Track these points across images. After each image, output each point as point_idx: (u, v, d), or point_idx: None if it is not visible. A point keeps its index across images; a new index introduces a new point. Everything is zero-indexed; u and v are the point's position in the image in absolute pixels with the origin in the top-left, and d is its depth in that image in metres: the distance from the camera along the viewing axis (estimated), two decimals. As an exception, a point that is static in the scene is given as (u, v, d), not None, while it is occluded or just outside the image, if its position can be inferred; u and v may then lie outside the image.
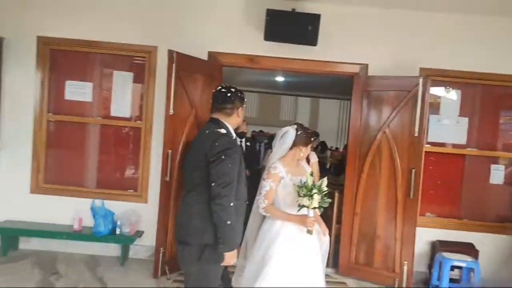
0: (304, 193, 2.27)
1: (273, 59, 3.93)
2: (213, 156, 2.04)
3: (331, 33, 3.81)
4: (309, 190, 2.25)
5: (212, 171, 2.03)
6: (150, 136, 3.94)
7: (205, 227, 2.06)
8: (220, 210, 2.00)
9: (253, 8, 3.85)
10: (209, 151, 2.06)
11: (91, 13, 3.91)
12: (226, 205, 2.01)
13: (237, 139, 4.74)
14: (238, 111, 2.23)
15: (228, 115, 2.21)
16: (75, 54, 4.04)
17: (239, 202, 2.15)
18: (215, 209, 2.01)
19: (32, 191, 3.98)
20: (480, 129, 4.02)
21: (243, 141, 4.91)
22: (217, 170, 2.02)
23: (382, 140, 3.74)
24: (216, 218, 2.02)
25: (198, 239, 2.08)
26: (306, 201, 2.26)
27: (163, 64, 3.56)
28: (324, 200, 2.30)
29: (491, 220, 3.96)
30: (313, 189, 2.25)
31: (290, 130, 2.50)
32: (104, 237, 3.69)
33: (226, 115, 2.21)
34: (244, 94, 2.33)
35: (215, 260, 2.08)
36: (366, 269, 3.74)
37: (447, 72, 3.90)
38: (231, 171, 2.05)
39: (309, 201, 2.25)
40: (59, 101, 4.06)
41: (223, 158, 2.02)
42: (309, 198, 2.25)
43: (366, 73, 3.91)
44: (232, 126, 2.24)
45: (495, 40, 3.85)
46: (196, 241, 2.09)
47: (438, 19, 3.85)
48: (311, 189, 2.25)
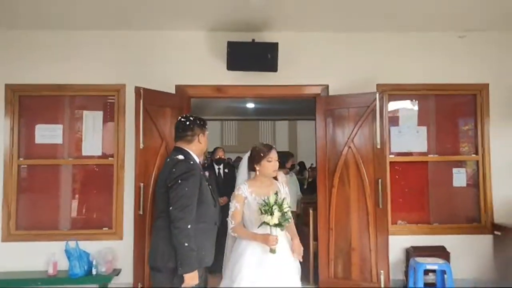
0: (264, 210, 2.34)
1: (238, 87, 4.11)
2: (171, 181, 2.14)
3: (290, 58, 4.03)
4: (270, 207, 2.33)
5: (171, 195, 2.12)
6: (122, 172, 3.98)
7: (170, 251, 2.12)
8: (178, 232, 2.08)
9: (215, 41, 4.05)
10: (168, 177, 2.17)
11: (58, 57, 4.01)
12: (183, 227, 2.08)
13: (213, 165, 4.87)
14: (199, 137, 2.36)
15: (189, 142, 2.34)
16: (43, 99, 4.11)
17: (205, 224, 2.22)
18: (174, 232, 2.09)
19: (4, 240, 3.90)
20: (439, 136, 4.25)
21: (221, 168, 4.98)
22: (174, 194, 2.11)
23: (348, 154, 3.90)
24: (175, 240, 2.09)
25: (165, 263, 2.14)
26: (266, 218, 2.32)
27: (132, 100, 3.66)
28: (285, 217, 2.35)
29: (459, 222, 4.12)
30: (273, 206, 2.32)
31: (245, 155, 2.69)
32: (81, 278, 3.62)
33: (187, 142, 2.34)
34: (205, 122, 2.45)
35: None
36: (345, 282, 3.79)
37: (403, 86, 4.17)
38: (189, 194, 2.13)
39: (269, 218, 2.32)
40: (29, 145, 4.08)
41: (180, 182, 2.12)
42: (270, 214, 2.31)
43: (327, 93, 4.12)
44: (195, 152, 2.35)
45: (444, 53, 4.16)
46: (164, 266, 2.14)
47: (390, 38, 4.15)
48: (272, 206, 2.32)
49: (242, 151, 10.29)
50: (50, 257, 3.74)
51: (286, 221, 2.36)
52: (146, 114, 3.58)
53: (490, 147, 4.13)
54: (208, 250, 2.27)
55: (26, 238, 3.90)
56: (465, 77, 4.15)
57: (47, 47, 4.03)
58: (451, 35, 4.17)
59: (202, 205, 2.21)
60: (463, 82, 4.16)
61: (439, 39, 4.17)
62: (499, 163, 4.11)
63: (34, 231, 3.94)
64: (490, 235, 4.04)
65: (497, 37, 4.17)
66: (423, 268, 3.45)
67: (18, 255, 3.85)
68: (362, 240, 3.76)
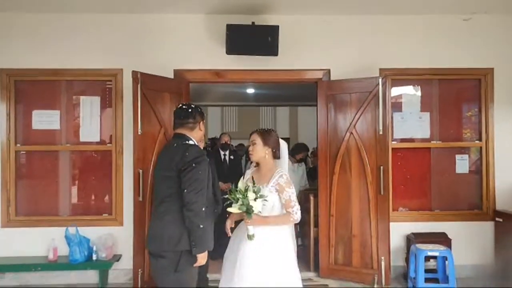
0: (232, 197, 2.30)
1: (238, 72, 4.03)
2: (185, 164, 2.17)
3: (291, 42, 3.95)
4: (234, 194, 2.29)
5: (184, 178, 2.15)
6: (121, 158, 3.94)
7: (180, 234, 2.15)
8: (193, 215, 2.12)
9: (214, 24, 3.96)
10: (179, 161, 2.18)
11: (54, 41, 3.94)
12: (198, 210, 2.13)
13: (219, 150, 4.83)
14: (199, 125, 2.40)
15: (191, 129, 2.35)
16: (40, 84, 4.04)
17: (208, 209, 2.26)
18: (188, 215, 2.12)
19: (3, 225, 3.89)
20: (442, 122, 4.19)
21: (227, 154, 4.91)
22: (188, 177, 2.14)
23: (350, 141, 3.85)
24: (189, 223, 2.13)
25: (174, 247, 2.15)
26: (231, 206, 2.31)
27: (129, 85, 3.60)
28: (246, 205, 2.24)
29: (460, 209, 4.10)
30: (238, 194, 2.27)
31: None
32: (81, 264, 3.63)
33: (190, 129, 2.35)
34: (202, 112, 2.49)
35: (192, 263, 2.18)
36: (346, 269, 3.80)
37: (406, 71, 4.08)
38: (202, 178, 2.18)
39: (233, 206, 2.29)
40: (27, 131, 4.04)
41: (194, 166, 2.16)
42: (236, 202, 2.27)
43: (329, 77, 4.04)
44: (196, 138, 2.38)
45: (448, 36, 4.06)
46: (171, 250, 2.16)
47: (393, 21, 4.05)
48: (236, 193, 2.28)
49: (243, 138, 10.23)
50: (50, 242, 3.75)
51: (248, 210, 2.24)
52: (144, 99, 3.52)
53: (494, 133, 4.07)
54: (211, 234, 2.31)
55: (26, 224, 3.90)
56: (469, 62, 4.07)
57: (43, 30, 3.94)
58: (456, 18, 4.06)
59: (207, 190, 2.27)
60: (467, 67, 4.08)
61: (443, 22, 4.06)
62: (502, 149, 4.06)
63: (34, 217, 3.94)
64: (492, 222, 4.02)
65: (503, 20, 4.07)
66: (424, 255, 3.44)
67: (18, 241, 3.85)
68: (363, 227, 3.74)
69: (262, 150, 2.46)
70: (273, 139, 2.48)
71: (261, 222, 2.32)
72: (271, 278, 2.27)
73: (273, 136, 2.49)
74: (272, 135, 2.49)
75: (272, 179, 2.39)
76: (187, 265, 2.16)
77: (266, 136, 2.47)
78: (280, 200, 2.38)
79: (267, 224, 2.36)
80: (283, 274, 2.31)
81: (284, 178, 2.38)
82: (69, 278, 3.85)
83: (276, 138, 2.50)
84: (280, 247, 2.36)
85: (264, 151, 2.45)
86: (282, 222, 2.40)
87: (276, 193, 2.37)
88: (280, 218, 2.39)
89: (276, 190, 2.37)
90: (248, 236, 2.30)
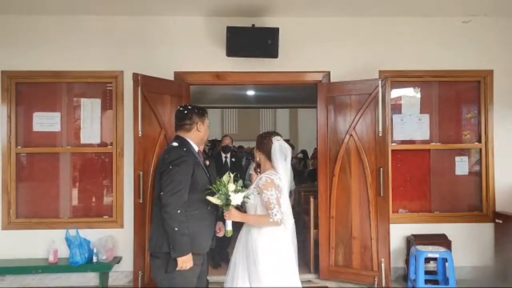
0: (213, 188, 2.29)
1: (238, 74, 4.04)
2: (163, 166, 2.19)
3: (291, 44, 3.96)
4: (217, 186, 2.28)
5: (162, 180, 2.17)
6: (121, 160, 3.95)
7: (162, 237, 2.17)
8: (168, 218, 2.12)
9: (215, 26, 3.97)
10: (161, 163, 2.22)
11: (54, 43, 3.95)
12: (172, 212, 2.12)
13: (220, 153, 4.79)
14: (197, 126, 2.37)
15: (188, 131, 2.36)
16: (41, 86, 4.06)
17: (200, 211, 2.24)
18: (164, 217, 2.13)
19: (4, 228, 3.90)
20: (442, 124, 4.20)
21: (228, 156, 4.87)
22: (165, 180, 2.15)
23: (349, 143, 3.86)
24: (165, 225, 2.13)
25: (159, 249, 2.18)
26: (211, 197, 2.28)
27: (130, 87, 3.61)
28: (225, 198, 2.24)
29: (460, 210, 4.11)
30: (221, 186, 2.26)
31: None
32: (81, 266, 3.63)
33: (186, 131, 2.36)
34: (205, 111, 2.45)
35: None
36: (346, 271, 3.80)
37: (405, 73, 4.09)
38: (180, 180, 2.15)
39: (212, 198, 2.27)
40: (27, 133, 4.05)
41: (171, 168, 2.16)
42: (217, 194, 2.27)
43: (329, 79, 4.05)
44: (194, 140, 2.37)
45: (448, 39, 4.08)
46: (159, 252, 2.19)
47: (393, 23, 4.06)
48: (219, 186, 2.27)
49: (243, 140, 10.20)
50: (50, 245, 3.75)
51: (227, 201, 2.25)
52: (145, 101, 3.53)
53: (494, 135, 4.08)
54: (205, 236, 2.28)
55: (27, 226, 3.90)
56: (469, 64, 4.08)
57: (43, 33, 3.95)
58: (455, 21, 4.08)
59: (196, 192, 2.22)
60: (467, 69, 4.09)
61: (442, 25, 4.08)
62: (502, 151, 4.07)
63: (34, 219, 3.94)
64: (491, 223, 4.03)
65: (502, 23, 4.09)
66: (424, 256, 3.44)
67: (19, 243, 3.85)
68: (363, 229, 3.75)
69: (256, 154, 2.55)
70: (262, 143, 2.50)
71: (240, 218, 2.35)
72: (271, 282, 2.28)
73: (264, 140, 2.50)
74: (263, 139, 2.51)
75: (256, 181, 2.43)
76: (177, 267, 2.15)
77: (259, 140, 2.54)
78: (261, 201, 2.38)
79: (245, 221, 2.41)
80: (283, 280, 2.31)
81: (263, 180, 2.37)
82: (69, 281, 3.85)
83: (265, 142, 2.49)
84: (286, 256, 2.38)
85: (257, 155, 2.54)
86: (261, 222, 2.37)
87: (258, 195, 2.38)
88: (258, 218, 2.38)
89: (258, 191, 2.38)
90: (225, 231, 2.33)
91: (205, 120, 2.41)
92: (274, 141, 2.48)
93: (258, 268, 2.30)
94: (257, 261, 2.31)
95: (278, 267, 2.32)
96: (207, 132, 2.45)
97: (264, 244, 2.34)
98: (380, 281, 3.63)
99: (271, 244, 2.34)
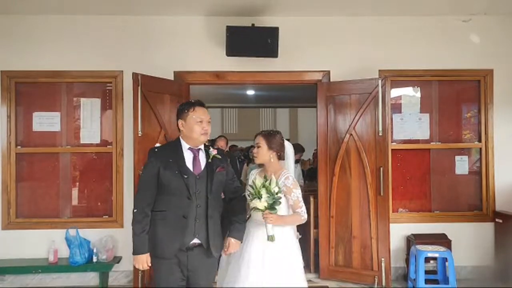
0: (252, 194, 2.21)
1: (238, 73, 4.04)
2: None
3: (291, 43, 3.95)
4: (258, 189, 2.19)
5: None
6: (121, 160, 3.95)
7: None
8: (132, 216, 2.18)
9: (214, 26, 3.97)
10: None
11: (54, 43, 3.95)
12: (133, 211, 2.17)
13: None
14: (179, 124, 2.25)
15: (179, 130, 2.28)
16: (40, 85, 4.05)
17: (166, 214, 2.14)
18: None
19: (4, 228, 3.89)
20: (441, 123, 4.19)
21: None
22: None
23: (349, 142, 3.86)
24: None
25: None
26: (256, 202, 2.19)
27: (130, 87, 3.61)
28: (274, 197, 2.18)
29: (460, 210, 4.10)
30: (261, 188, 2.19)
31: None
32: (81, 266, 3.63)
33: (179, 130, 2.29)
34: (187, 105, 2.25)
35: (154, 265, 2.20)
36: (346, 270, 3.79)
37: (405, 72, 4.09)
38: (142, 180, 2.19)
39: (257, 202, 2.18)
40: (27, 133, 4.04)
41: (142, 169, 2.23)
42: (258, 198, 2.18)
43: (329, 79, 4.05)
44: (184, 139, 2.24)
45: (448, 37, 4.07)
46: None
47: (393, 22, 4.05)
48: (259, 189, 2.19)
49: (243, 139, 10.16)
50: (50, 244, 3.75)
51: (275, 203, 2.20)
52: (145, 101, 3.53)
53: (494, 134, 4.08)
54: (169, 242, 2.13)
55: (27, 226, 3.90)
56: (468, 63, 4.07)
57: (43, 33, 3.95)
58: (455, 20, 4.07)
59: (163, 194, 2.15)
60: (467, 68, 4.08)
61: (442, 24, 4.07)
62: (502, 150, 4.06)
63: (34, 219, 3.94)
64: (491, 222, 4.02)
65: (502, 22, 4.08)
66: (424, 256, 3.44)
67: (19, 243, 3.85)
68: (363, 228, 3.74)
69: (266, 153, 2.45)
70: (277, 142, 2.47)
71: (280, 221, 2.30)
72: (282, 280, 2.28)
73: (277, 139, 2.47)
74: (276, 138, 2.47)
75: (282, 180, 2.38)
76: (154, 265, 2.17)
77: (271, 139, 2.46)
78: (286, 201, 2.37)
79: (284, 224, 2.35)
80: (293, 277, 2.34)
81: (290, 180, 2.38)
82: (69, 280, 3.86)
83: (280, 141, 2.49)
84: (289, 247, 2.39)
85: (269, 155, 2.45)
86: (295, 221, 2.43)
87: (283, 195, 2.34)
88: (294, 218, 2.40)
89: (283, 191, 2.34)
90: (269, 237, 2.23)
91: (187, 116, 2.20)
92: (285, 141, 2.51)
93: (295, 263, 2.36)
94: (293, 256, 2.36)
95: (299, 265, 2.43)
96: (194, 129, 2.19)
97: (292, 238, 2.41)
98: (380, 281, 3.63)
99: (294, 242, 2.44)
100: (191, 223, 2.15)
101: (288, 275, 2.31)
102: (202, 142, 2.26)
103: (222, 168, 2.27)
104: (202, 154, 2.26)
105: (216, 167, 2.25)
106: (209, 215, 2.18)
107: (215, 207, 2.23)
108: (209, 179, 2.20)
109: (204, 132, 2.20)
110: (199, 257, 2.19)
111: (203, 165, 2.23)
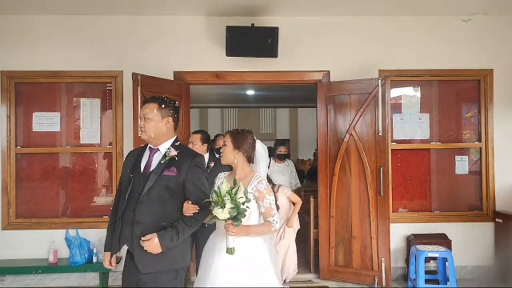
0: (214, 201, 1.92)
1: (238, 73, 4.04)
2: None
3: (291, 43, 3.96)
4: (221, 197, 1.90)
5: None
6: (121, 160, 3.93)
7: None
8: None
9: (214, 26, 3.97)
10: None
11: (54, 43, 3.95)
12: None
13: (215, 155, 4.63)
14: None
15: None
16: (40, 86, 4.05)
17: (117, 212, 2.06)
18: None
19: (4, 228, 3.89)
20: (441, 123, 4.19)
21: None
22: None
23: (349, 142, 3.86)
24: None
25: None
26: (217, 211, 1.89)
27: (130, 87, 3.61)
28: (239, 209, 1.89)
29: (460, 210, 4.10)
30: (225, 196, 1.90)
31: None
32: (81, 266, 3.63)
33: None
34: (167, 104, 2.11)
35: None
36: (346, 270, 3.79)
37: (405, 72, 4.09)
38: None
39: (219, 211, 1.89)
40: (27, 133, 4.05)
41: None
42: (221, 207, 1.89)
43: (329, 79, 4.05)
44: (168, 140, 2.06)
45: (448, 38, 4.07)
46: None
47: (393, 22, 4.06)
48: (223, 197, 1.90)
49: (242, 139, 9.86)
50: (50, 245, 3.75)
51: (240, 214, 1.91)
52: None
53: (493, 134, 4.08)
54: (115, 239, 2.03)
55: (27, 226, 3.90)
56: (468, 63, 4.08)
57: (43, 33, 3.95)
58: (455, 19, 4.07)
59: (118, 194, 2.11)
60: (467, 68, 4.08)
61: (442, 24, 4.07)
62: (502, 150, 4.06)
63: (34, 219, 3.94)
64: (492, 222, 4.02)
65: (502, 21, 4.08)
66: (424, 256, 3.44)
67: (19, 243, 3.85)
68: (363, 228, 3.74)
69: (231, 153, 2.18)
70: (246, 142, 2.19)
71: (245, 232, 2.01)
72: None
73: (246, 139, 2.19)
74: (245, 138, 2.19)
75: (249, 185, 2.10)
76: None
77: (238, 138, 2.19)
78: (258, 208, 2.11)
79: (248, 235, 2.05)
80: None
81: (263, 184, 2.11)
82: (69, 281, 3.85)
83: (250, 142, 2.20)
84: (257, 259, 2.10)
85: (234, 155, 2.18)
86: (264, 232, 2.12)
87: (254, 200, 2.09)
88: (262, 228, 2.11)
89: (255, 197, 2.09)
90: (228, 250, 1.97)
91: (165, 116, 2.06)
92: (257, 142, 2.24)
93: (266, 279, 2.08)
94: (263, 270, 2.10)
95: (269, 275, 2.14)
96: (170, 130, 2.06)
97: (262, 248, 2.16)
98: (380, 281, 3.63)
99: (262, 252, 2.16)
100: (124, 227, 1.98)
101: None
102: (148, 141, 2.04)
103: (172, 171, 1.96)
104: (158, 154, 2.02)
105: (165, 169, 1.96)
106: (136, 221, 1.93)
107: (148, 214, 1.93)
108: (149, 180, 1.95)
109: (140, 130, 2.03)
110: (133, 268, 1.97)
111: (154, 166, 1.99)
